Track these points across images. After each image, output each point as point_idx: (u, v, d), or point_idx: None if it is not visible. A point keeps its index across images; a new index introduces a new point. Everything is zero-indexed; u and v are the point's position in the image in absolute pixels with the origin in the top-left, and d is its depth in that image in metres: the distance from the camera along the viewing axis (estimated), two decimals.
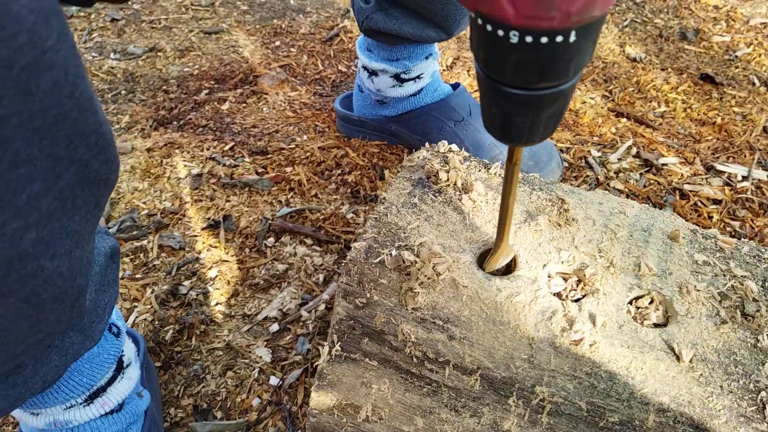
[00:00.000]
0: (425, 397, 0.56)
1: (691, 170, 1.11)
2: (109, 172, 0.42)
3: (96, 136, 0.39)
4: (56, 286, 0.40)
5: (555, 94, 0.37)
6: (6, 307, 0.37)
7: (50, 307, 0.41)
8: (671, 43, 1.54)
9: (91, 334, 0.54)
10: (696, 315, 0.54)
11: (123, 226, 1.01)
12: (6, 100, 0.31)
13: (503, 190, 0.49)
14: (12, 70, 0.30)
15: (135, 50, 1.53)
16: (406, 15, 0.97)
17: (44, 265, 0.38)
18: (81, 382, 0.59)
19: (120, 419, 0.63)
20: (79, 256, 0.42)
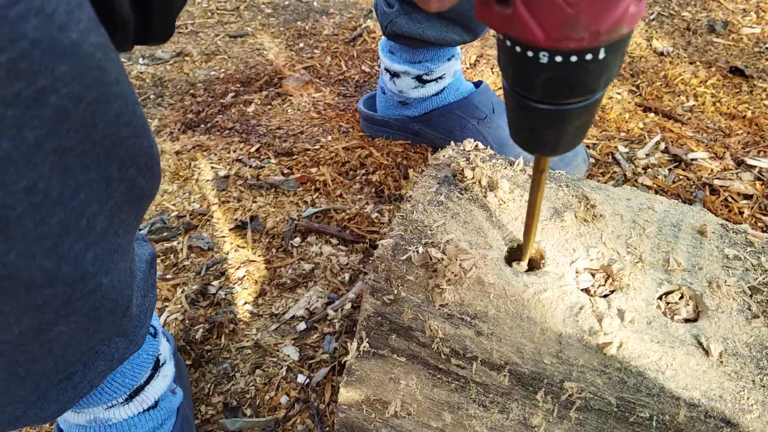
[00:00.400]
0: (453, 393, 0.56)
1: (721, 165, 1.10)
2: (153, 187, 0.44)
3: (147, 158, 0.40)
4: (110, 299, 0.42)
5: (584, 107, 0.37)
6: (69, 324, 0.39)
7: (105, 319, 0.43)
8: (699, 36, 1.51)
9: (135, 338, 0.55)
10: (727, 310, 0.53)
11: (153, 228, 1.03)
12: (72, 132, 0.32)
13: (530, 198, 0.49)
14: (80, 105, 0.32)
15: (163, 55, 1.56)
16: (430, 19, 0.97)
17: (101, 281, 0.39)
18: (123, 383, 0.61)
19: (156, 416, 0.65)
20: (124, 267, 0.44)
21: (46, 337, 0.38)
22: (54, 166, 0.32)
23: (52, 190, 0.32)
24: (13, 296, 0.34)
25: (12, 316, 0.35)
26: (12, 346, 0.36)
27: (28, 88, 0.29)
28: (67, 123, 0.31)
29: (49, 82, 0.29)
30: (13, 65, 0.27)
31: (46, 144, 0.31)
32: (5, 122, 0.28)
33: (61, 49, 0.29)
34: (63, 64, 0.30)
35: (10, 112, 0.28)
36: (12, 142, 0.29)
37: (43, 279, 0.34)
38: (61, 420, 0.64)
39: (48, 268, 0.34)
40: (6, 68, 0.27)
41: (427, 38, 0.97)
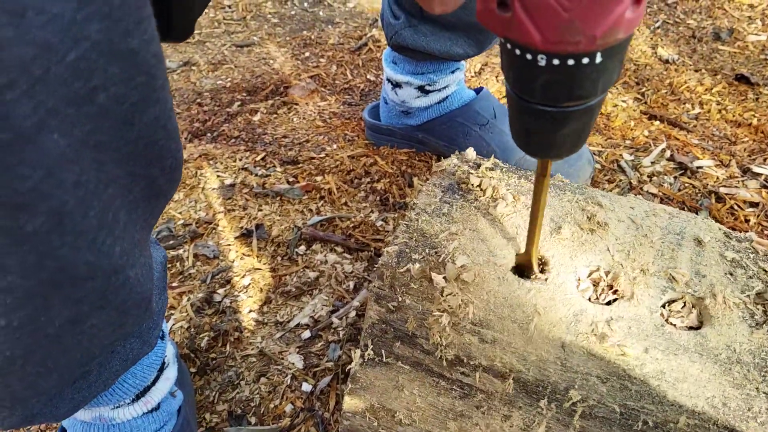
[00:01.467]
0: (457, 400, 0.56)
1: (726, 173, 1.09)
2: (171, 188, 0.45)
3: (172, 161, 0.42)
4: (137, 292, 0.43)
5: (583, 110, 0.38)
6: (100, 317, 0.40)
7: (131, 312, 0.44)
8: (704, 43, 1.51)
9: (149, 339, 0.56)
10: (731, 317, 0.53)
11: (160, 236, 1.03)
12: (109, 129, 0.33)
13: (533, 202, 0.50)
14: (122, 105, 0.33)
15: (170, 64, 1.57)
16: (436, 32, 0.97)
17: (129, 274, 0.41)
18: (134, 384, 0.62)
19: (158, 417, 0.65)
20: (143, 262, 0.45)
21: (80, 329, 0.39)
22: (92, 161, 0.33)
23: (90, 184, 0.33)
24: (60, 289, 0.35)
25: (56, 309, 0.36)
26: (51, 338, 0.38)
27: (84, 87, 0.30)
28: (108, 121, 0.33)
29: (101, 81, 0.31)
30: (77, 65, 0.29)
31: (90, 140, 0.32)
32: (65, 120, 0.30)
33: (118, 53, 0.31)
34: (115, 66, 0.31)
35: (69, 110, 0.30)
36: (67, 139, 0.30)
37: (86, 272, 0.36)
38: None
39: (90, 261, 0.35)
40: (72, 68, 0.29)
41: (431, 51, 0.97)
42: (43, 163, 0.30)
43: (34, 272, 0.33)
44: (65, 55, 0.28)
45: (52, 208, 0.31)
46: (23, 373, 0.39)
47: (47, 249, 0.32)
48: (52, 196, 0.31)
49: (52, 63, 0.28)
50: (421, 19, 0.96)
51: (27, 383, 0.40)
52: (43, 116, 0.29)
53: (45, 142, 0.29)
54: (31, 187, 0.30)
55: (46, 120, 0.29)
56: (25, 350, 0.37)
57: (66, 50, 0.28)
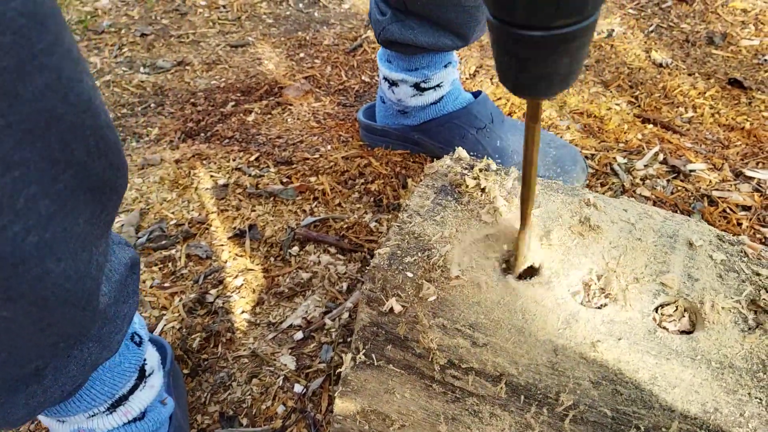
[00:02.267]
0: (449, 404, 0.55)
1: (719, 176, 1.10)
2: (115, 177, 0.42)
3: (95, 139, 0.39)
4: (64, 288, 0.40)
5: (573, 33, 0.34)
6: (14, 310, 0.38)
7: (60, 310, 0.41)
8: (698, 47, 1.52)
9: (109, 344, 0.54)
10: (723, 322, 0.53)
11: (152, 236, 1.03)
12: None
13: (524, 153, 0.46)
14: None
15: (164, 64, 1.57)
16: (422, 25, 0.97)
17: (50, 268, 0.38)
18: (103, 390, 0.60)
19: (143, 427, 0.64)
20: (86, 258, 0.42)
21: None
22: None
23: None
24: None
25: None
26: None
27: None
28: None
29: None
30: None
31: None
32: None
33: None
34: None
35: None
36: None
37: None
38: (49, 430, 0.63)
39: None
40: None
41: (419, 44, 0.98)
42: None
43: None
44: None
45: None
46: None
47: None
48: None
49: None
50: (407, 13, 0.97)
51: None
52: None
53: None
54: None
55: None
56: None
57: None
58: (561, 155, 1.04)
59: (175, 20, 1.79)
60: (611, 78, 1.42)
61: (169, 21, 1.78)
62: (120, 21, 1.78)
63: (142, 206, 1.10)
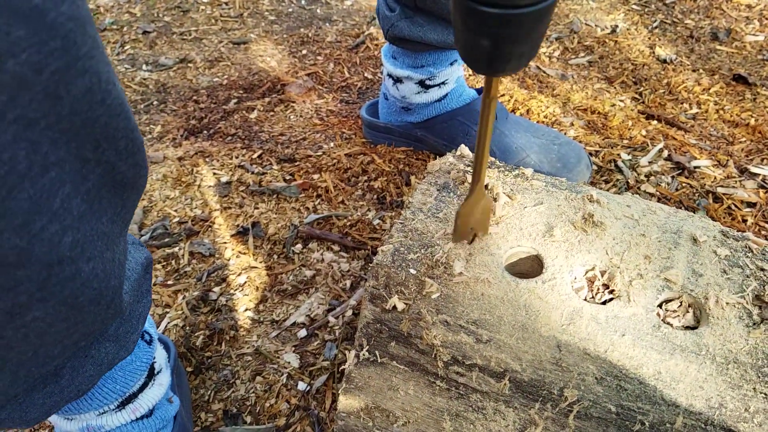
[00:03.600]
0: (453, 401, 0.55)
1: (724, 173, 1.09)
2: (137, 176, 0.43)
3: (126, 141, 0.39)
4: (92, 288, 0.41)
5: (533, 13, 0.35)
6: (46, 309, 0.38)
7: (88, 309, 0.41)
8: (702, 43, 1.51)
9: (126, 344, 0.54)
10: (728, 317, 0.53)
11: (155, 234, 1.03)
12: (35, 104, 0.31)
13: (479, 127, 0.47)
14: (41, 75, 0.31)
15: (166, 61, 1.57)
16: (431, 22, 0.97)
17: (81, 267, 0.38)
18: (114, 389, 0.60)
19: (150, 424, 0.64)
20: (110, 258, 0.43)
21: (21, 321, 0.37)
22: (18, 138, 0.31)
23: (18, 164, 0.31)
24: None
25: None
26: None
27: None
28: (29, 92, 0.31)
29: (5, 45, 0.28)
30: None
31: (8, 113, 0.30)
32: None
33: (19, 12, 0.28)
34: (21, 28, 0.29)
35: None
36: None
37: (15, 258, 0.33)
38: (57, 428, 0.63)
39: (19, 246, 0.33)
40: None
41: (428, 41, 0.97)
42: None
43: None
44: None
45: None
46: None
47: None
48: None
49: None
50: (416, 9, 0.97)
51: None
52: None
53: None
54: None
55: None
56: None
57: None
58: (565, 152, 1.03)
59: (177, 17, 1.79)
60: (615, 74, 1.41)
61: (171, 18, 1.78)
62: (122, 18, 1.78)
63: (145, 204, 1.10)
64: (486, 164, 0.51)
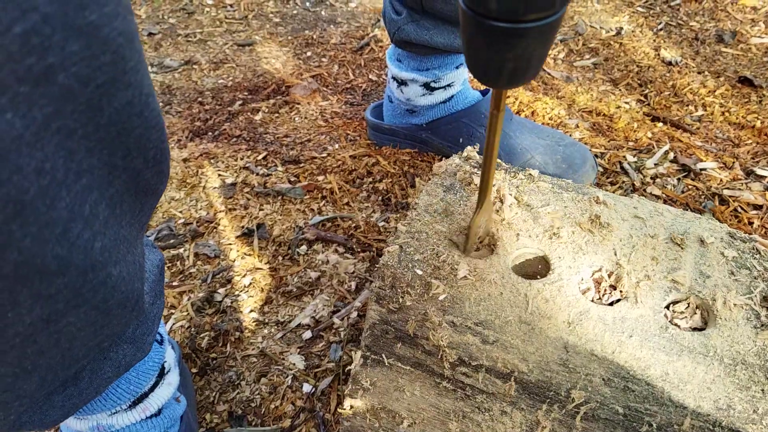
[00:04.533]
0: (459, 402, 0.55)
1: (730, 175, 1.09)
2: (159, 183, 0.43)
3: (155, 151, 0.40)
4: (120, 291, 0.41)
5: (541, 27, 0.36)
6: (78, 315, 0.38)
7: (115, 312, 0.42)
8: (707, 45, 1.51)
9: (142, 345, 0.55)
10: (735, 318, 0.52)
11: (160, 235, 1.03)
12: (77, 114, 0.31)
13: (487, 140, 0.48)
14: (87, 87, 0.31)
15: (171, 63, 1.57)
16: (437, 25, 0.97)
17: (110, 272, 0.39)
18: (128, 389, 0.60)
19: (158, 423, 0.64)
20: (131, 260, 0.43)
21: (55, 327, 0.37)
22: (58, 147, 0.31)
23: (57, 172, 0.31)
24: (28, 285, 0.33)
25: (25, 306, 0.34)
26: (22, 337, 0.36)
27: (38, 64, 0.28)
28: (73, 103, 0.31)
29: (59, 59, 0.29)
30: (26, 39, 0.27)
31: (52, 123, 0.30)
32: (17, 99, 0.28)
33: (75, 28, 0.29)
34: (75, 43, 0.29)
35: (22, 88, 0.28)
36: (24, 121, 0.28)
37: (56, 267, 0.34)
38: (64, 426, 0.63)
39: (61, 255, 0.33)
40: (19, 41, 0.27)
41: (434, 45, 0.97)
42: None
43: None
44: (10, 27, 0.26)
45: (10, 195, 0.29)
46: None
47: (7, 240, 0.30)
48: (8, 182, 0.29)
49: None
50: (423, 13, 0.96)
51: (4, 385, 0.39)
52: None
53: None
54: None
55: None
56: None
57: (10, 21, 0.26)
58: (570, 153, 1.03)
59: (183, 19, 1.79)
60: (620, 76, 1.41)
61: (176, 20, 1.79)
62: None
63: None
64: (493, 177, 0.52)
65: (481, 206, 0.54)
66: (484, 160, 0.50)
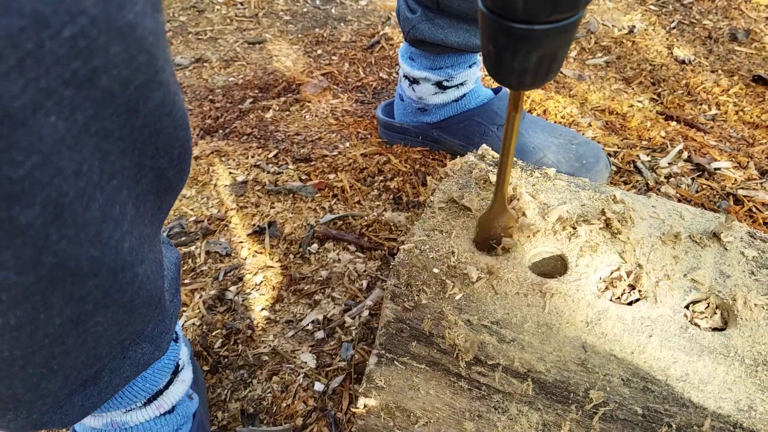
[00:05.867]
0: (475, 401, 0.55)
1: (744, 175, 1.08)
2: (180, 180, 0.43)
3: (181, 150, 0.40)
4: (146, 290, 0.41)
5: (563, 27, 0.36)
6: (106, 315, 0.38)
7: (140, 311, 0.42)
8: (721, 44, 1.50)
9: (160, 344, 0.55)
10: (756, 319, 0.52)
11: (172, 233, 1.03)
12: (115, 117, 0.31)
13: (503, 141, 0.48)
14: (127, 89, 0.31)
15: (182, 61, 1.57)
16: (452, 24, 0.96)
17: (137, 271, 0.39)
18: (144, 387, 0.60)
19: (172, 420, 0.64)
20: (153, 258, 0.43)
21: (83, 328, 0.37)
22: (95, 149, 0.31)
23: (93, 174, 0.31)
24: (60, 287, 0.33)
25: (56, 308, 0.34)
26: (52, 338, 0.36)
27: (83, 67, 0.28)
28: (113, 106, 0.31)
29: (102, 62, 0.28)
30: (74, 42, 0.27)
31: (92, 126, 0.30)
32: (63, 103, 0.28)
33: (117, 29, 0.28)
34: (117, 44, 0.29)
35: (67, 92, 0.27)
36: (66, 124, 0.28)
37: (89, 268, 0.34)
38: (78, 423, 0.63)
39: (94, 257, 0.33)
40: (68, 45, 0.26)
41: (449, 43, 0.96)
42: (38, 149, 0.27)
43: (31, 268, 0.31)
44: (60, 30, 0.26)
45: (49, 198, 0.29)
46: (25, 374, 0.37)
47: (45, 243, 0.30)
48: (48, 185, 0.29)
49: (45, 37, 0.25)
50: (438, 11, 0.96)
51: (30, 385, 0.39)
52: (35, 96, 0.26)
53: (40, 125, 0.27)
54: (25, 174, 0.27)
55: (40, 101, 0.26)
56: (24, 350, 0.35)
57: (60, 25, 0.26)
58: (583, 151, 1.02)
59: (193, 17, 1.79)
60: (633, 75, 1.40)
61: (186, 18, 1.79)
62: None
63: None
64: (509, 177, 0.52)
65: (494, 204, 0.54)
66: (500, 159, 0.50)
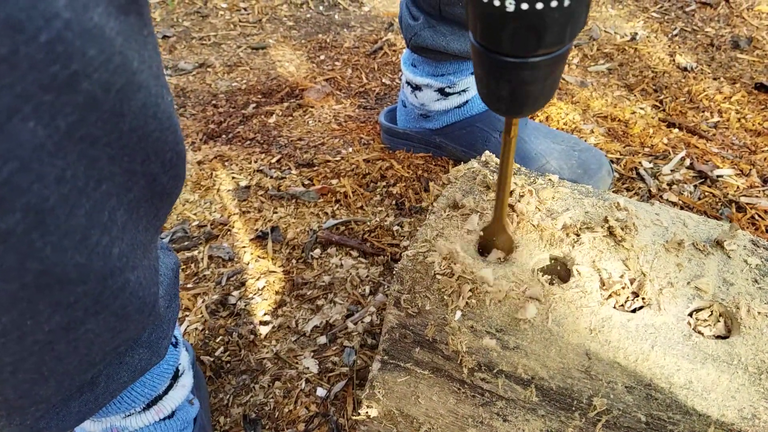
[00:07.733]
0: (478, 407, 0.55)
1: (747, 182, 1.08)
2: (175, 186, 0.43)
3: (172, 154, 0.39)
4: (138, 296, 0.41)
5: (551, 59, 0.37)
6: (97, 322, 0.38)
7: (133, 317, 0.42)
8: (723, 51, 1.50)
9: (158, 350, 0.55)
10: (759, 326, 0.52)
11: (175, 237, 1.03)
12: (101, 122, 0.31)
13: (500, 165, 0.49)
14: (109, 93, 0.31)
15: (185, 66, 1.57)
16: (454, 32, 0.96)
17: (128, 277, 0.38)
18: (143, 392, 0.60)
19: (172, 425, 0.64)
20: (147, 265, 0.43)
21: (74, 335, 0.37)
22: (81, 156, 0.31)
23: (78, 180, 0.31)
24: (47, 293, 0.33)
25: (44, 315, 0.34)
26: (41, 345, 0.36)
27: (62, 71, 0.27)
28: (97, 111, 0.31)
29: (81, 66, 0.28)
30: (51, 47, 0.26)
31: (75, 132, 0.30)
32: (42, 108, 0.27)
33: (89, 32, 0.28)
34: (91, 47, 0.28)
35: (46, 97, 0.27)
36: (47, 130, 0.28)
37: (76, 275, 0.33)
38: (78, 427, 0.63)
39: (80, 263, 0.33)
40: (45, 50, 0.26)
41: (451, 51, 0.97)
42: (16, 154, 0.27)
43: (15, 274, 0.30)
44: (36, 35, 0.25)
45: (30, 204, 0.29)
46: (15, 380, 0.37)
47: (28, 249, 0.30)
48: (28, 191, 0.28)
49: (19, 42, 0.25)
50: (440, 19, 0.96)
51: (22, 391, 0.39)
52: (11, 101, 0.26)
53: (17, 130, 0.27)
54: (3, 180, 0.27)
55: (16, 106, 0.26)
56: (13, 357, 0.35)
57: (36, 29, 0.25)
58: (586, 158, 1.03)
59: (197, 22, 1.80)
60: (635, 82, 1.40)
61: (190, 23, 1.80)
62: None
63: None
64: (507, 199, 0.53)
65: (492, 223, 0.55)
66: (498, 180, 0.51)
